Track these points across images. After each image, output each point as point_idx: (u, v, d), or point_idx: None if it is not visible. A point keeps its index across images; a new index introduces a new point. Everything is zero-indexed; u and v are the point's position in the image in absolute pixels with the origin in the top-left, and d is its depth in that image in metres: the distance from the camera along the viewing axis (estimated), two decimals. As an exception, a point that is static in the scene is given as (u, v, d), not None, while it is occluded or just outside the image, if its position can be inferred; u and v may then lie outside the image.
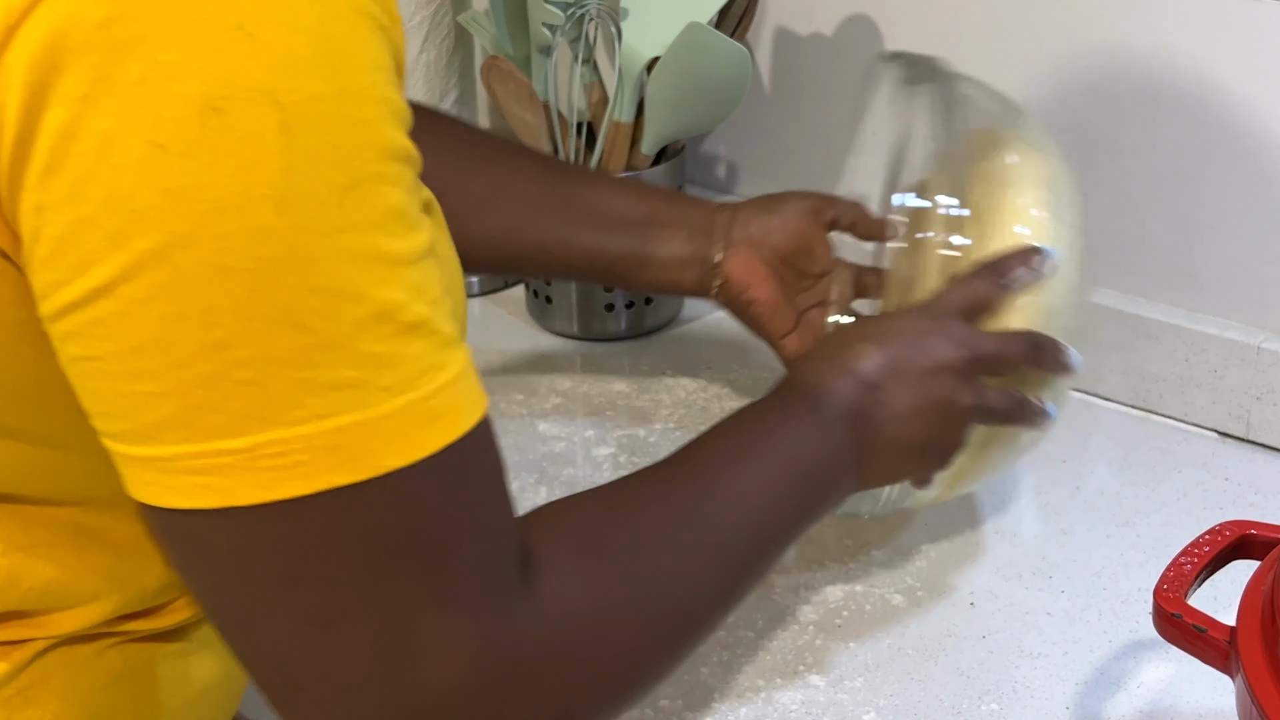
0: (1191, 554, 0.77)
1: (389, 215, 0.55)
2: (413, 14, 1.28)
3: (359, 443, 0.54)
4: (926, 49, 1.19)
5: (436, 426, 0.56)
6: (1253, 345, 1.08)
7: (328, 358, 0.53)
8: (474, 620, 0.58)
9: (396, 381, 0.55)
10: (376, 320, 0.54)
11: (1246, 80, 1.05)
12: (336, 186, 0.53)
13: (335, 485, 0.54)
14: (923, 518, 1.02)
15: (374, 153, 0.54)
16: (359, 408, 0.54)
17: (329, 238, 0.53)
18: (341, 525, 0.55)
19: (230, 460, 0.53)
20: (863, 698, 0.86)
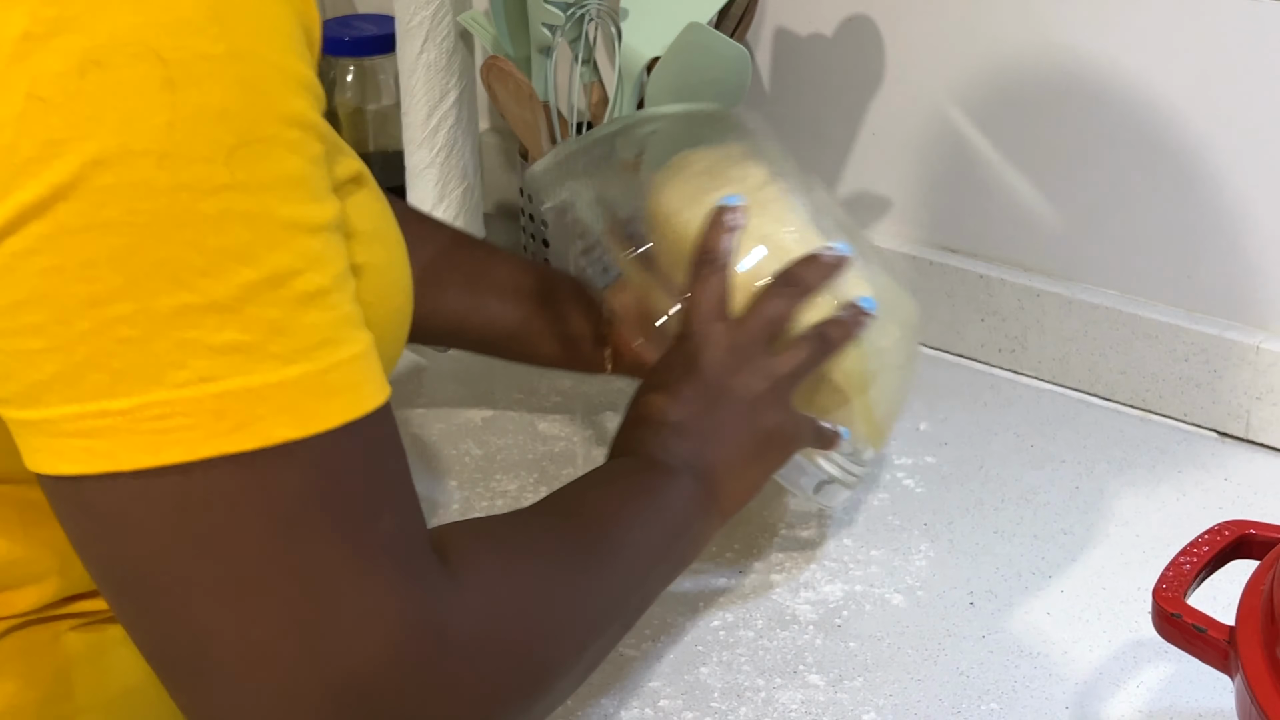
0: (1191, 554, 0.77)
1: (284, 180, 0.54)
2: (413, 14, 1.28)
3: (247, 409, 0.53)
4: (927, 49, 1.19)
5: (335, 402, 0.55)
6: (1252, 345, 1.08)
7: (213, 319, 0.52)
8: (396, 591, 0.57)
9: (289, 350, 0.54)
10: (268, 285, 0.53)
11: (1246, 80, 1.05)
12: (223, 145, 0.52)
13: (225, 452, 0.53)
14: (923, 518, 1.02)
15: (266, 116, 0.53)
16: (246, 373, 0.53)
17: (214, 195, 0.52)
18: (239, 493, 0.54)
19: (113, 422, 0.52)
20: (863, 698, 0.86)
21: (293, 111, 0.55)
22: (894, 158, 1.24)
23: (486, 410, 1.15)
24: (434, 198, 1.34)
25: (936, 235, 1.23)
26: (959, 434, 1.11)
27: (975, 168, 1.20)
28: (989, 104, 1.17)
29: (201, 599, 0.55)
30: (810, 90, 1.27)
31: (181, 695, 0.58)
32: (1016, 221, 1.19)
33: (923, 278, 1.22)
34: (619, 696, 0.86)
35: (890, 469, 1.07)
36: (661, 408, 0.81)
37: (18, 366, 0.53)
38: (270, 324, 0.53)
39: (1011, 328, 1.19)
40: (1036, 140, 1.16)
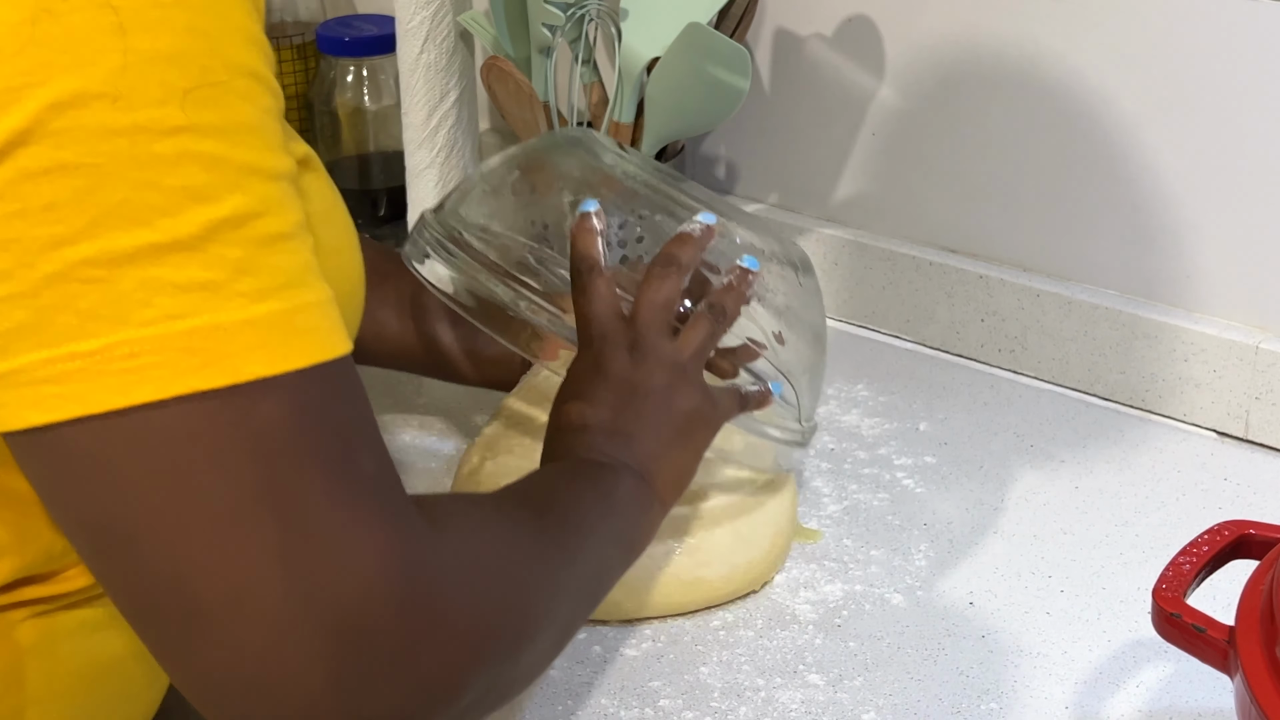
0: (1190, 553, 0.77)
1: (238, 125, 0.55)
2: (413, 14, 1.28)
3: (216, 346, 0.53)
4: (927, 49, 1.19)
5: (304, 342, 0.55)
6: (1251, 345, 1.08)
7: (177, 257, 0.53)
8: (381, 526, 0.56)
9: (255, 289, 0.54)
10: (229, 224, 0.54)
11: (1247, 81, 1.05)
12: (176, 88, 0.53)
13: (197, 389, 0.53)
14: (923, 518, 1.02)
15: (217, 62, 0.54)
16: (213, 310, 0.53)
17: (171, 137, 0.53)
18: (214, 429, 0.54)
19: (82, 364, 0.53)
20: (862, 697, 0.86)
21: (244, 62, 0.56)
22: (894, 158, 1.24)
23: (486, 411, 1.15)
24: (434, 198, 1.34)
25: (936, 235, 1.24)
26: (959, 434, 1.12)
27: (975, 168, 1.20)
28: (989, 104, 1.17)
29: (182, 537, 0.54)
30: (810, 90, 1.27)
31: (166, 648, 0.57)
32: (1016, 221, 1.19)
33: (923, 278, 1.22)
34: (619, 696, 0.86)
35: (890, 469, 1.07)
36: (581, 413, 0.82)
37: None
38: (234, 263, 0.54)
39: (1011, 328, 1.19)
40: (1036, 141, 1.16)
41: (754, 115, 1.30)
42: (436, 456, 1.10)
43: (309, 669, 0.55)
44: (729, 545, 0.93)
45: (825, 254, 1.28)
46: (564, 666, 0.89)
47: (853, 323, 1.28)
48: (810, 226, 1.28)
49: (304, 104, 1.46)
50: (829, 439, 1.11)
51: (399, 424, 1.14)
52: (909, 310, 1.24)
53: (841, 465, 1.08)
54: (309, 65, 1.46)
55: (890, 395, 1.17)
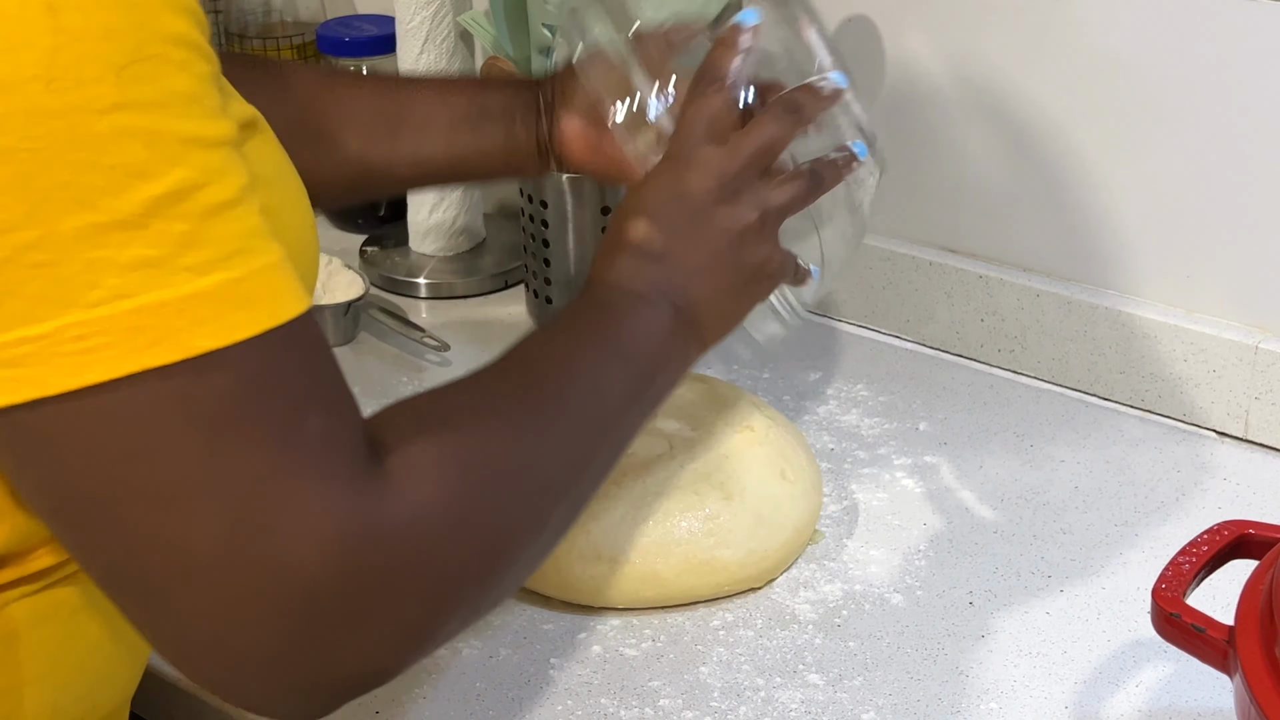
0: (1190, 553, 0.77)
1: (175, 97, 0.55)
2: (413, 15, 1.29)
3: (165, 323, 0.54)
4: (928, 50, 1.19)
5: (254, 310, 0.56)
6: (1251, 345, 1.08)
7: (120, 237, 0.53)
8: (327, 492, 0.57)
9: (201, 261, 0.55)
10: (172, 199, 0.54)
11: (1246, 82, 1.05)
12: (111, 65, 0.53)
13: (147, 366, 0.54)
14: (923, 518, 1.02)
15: (149, 35, 0.55)
16: (159, 287, 0.54)
17: (107, 115, 0.53)
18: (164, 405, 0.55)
19: (33, 348, 0.53)
20: (862, 697, 0.86)
21: (177, 30, 0.56)
22: (894, 158, 1.24)
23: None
24: (434, 198, 1.34)
25: (936, 235, 1.24)
26: (959, 434, 1.12)
27: (975, 168, 1.20)
28: (989, 104, 1.17)
29: (136, 511, 0.56)
30: (810, 90, 1.27)
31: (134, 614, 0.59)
32: (1016, 221, 1.19)
33: (923, 278, 1.23)
34: (619, 696, 0.87)
35: (890, 469, 1.07)
36: (642, 233, 0.78)
37: None
38: (179, 237, 0.54)
39: (1011, 328, 1.19)
40: (1036, 141, 1.16)
41: (754, 115, 1.30)
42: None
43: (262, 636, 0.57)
44: (750, 528, 0.93)
45: (825, 254, 1.28)
46: (564, 666, 0.89)
47: (853, 323, 1.28)
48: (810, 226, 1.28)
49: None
50: (829, 439, 1.11)
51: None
52: (909, 310, 1.24)
53: (841, 465, 1.08)
54: (309, 65, 1.46)
55: (890, 395, 1.17)
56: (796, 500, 0.96)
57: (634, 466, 0.95)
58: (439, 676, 0.88)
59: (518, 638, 0.92)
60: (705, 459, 0.96)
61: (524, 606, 0.94)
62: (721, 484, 0.94)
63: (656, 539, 0.92)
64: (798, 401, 1.16)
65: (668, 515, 0.93)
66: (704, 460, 0.96)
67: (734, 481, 0.95)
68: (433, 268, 1.35)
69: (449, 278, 1.34)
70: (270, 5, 1.46)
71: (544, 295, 1.26)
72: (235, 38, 1.46)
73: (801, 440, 1.02)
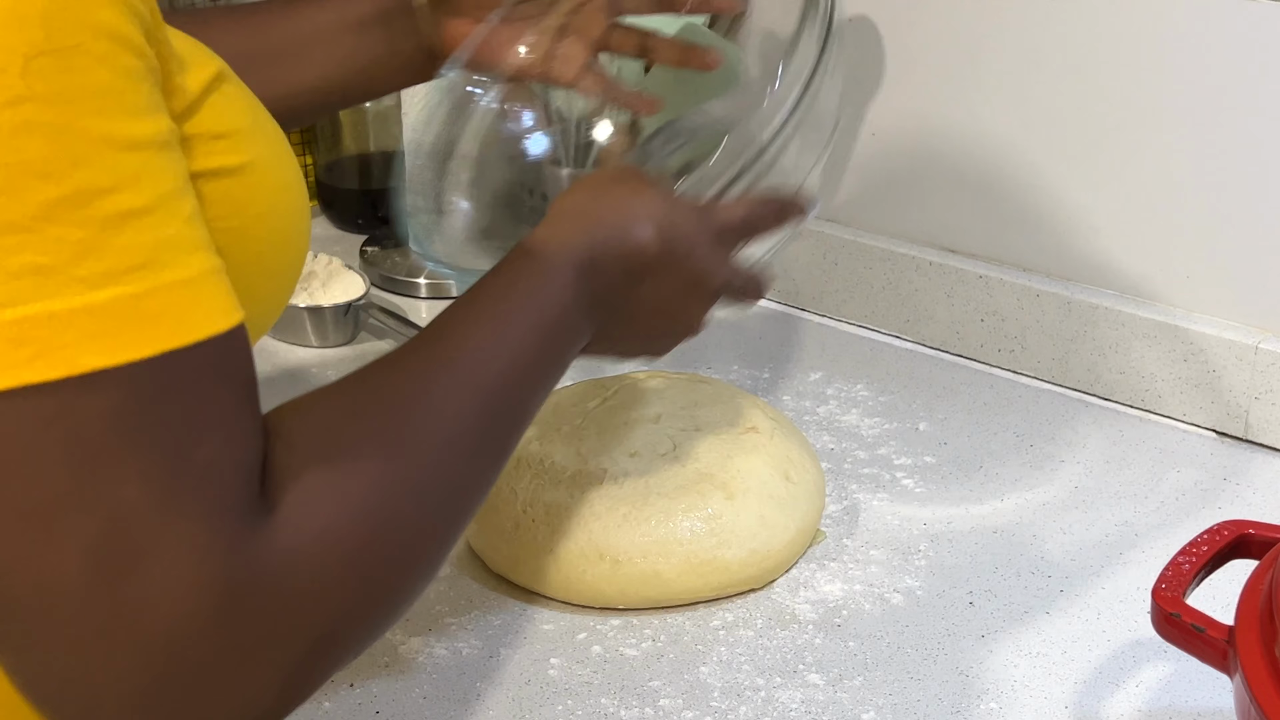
0: (1190, 553, 0.77)
1: (91, 93, 0.51)
2: (413, 15, 1.28)
3: (50, 336, 0.50)
4: (927, 50, 1.19)
5: (153, 328, 0.52)
6: (1251, 345, 1.08)
7: (9, 240, 0.49)
8: (202, 531, 0.53)
9: (97, 273, 0.51)
10: (71, 203, 0.50)
11: (1246, 81, 1.05)
12: (17, 54, 0.50)
13: (26, 382, 0.50)
14: (923, 518, 1.02)
15: (68, 25, 0.51)
16: (47, 297, 0.50)
17: (10, 108, 0.49)
18: (41, 424, 0.51)
19: None
20: (862, 697, 0.86)
21: (101, 21, 0.52)
22: (894, 158, 1.24)
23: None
24: (434, 198, 1.34)
25: (936, 235, 1.24)
26: (959, 434, 1.12)
27: (975, 168, 1.20)
28: (989, 104, 1.17)
29: (4, 528, 0.51)
30: (810, 90, 1.27)
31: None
32: (1016, 221, 1.19)
33: (923, 278, 1.23)
34: (619, 696, 0.87)
35: (890, 469, 1.07)
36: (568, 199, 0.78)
37: None
38: (75, 245, 0.50)
39: (1011, 328, 1.19)
40: (1036, 141, 1.16)
41: (754, 115, 1.30)
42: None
43: (124, 674, 0.53)
44: (752, 529, 0.93)
45: (825, 254, 1.28)
46: (564, 666, 0.89)
47: (853, 323, 1.28)
48: (810, 226, 1.28)
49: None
50: (829, 439, 1.11)
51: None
52: (909, 310, 1.24)
53: (841, 465, 1.08)
54: (309, 65, 1.46)
55: (890, 395, 1.17)
56: (799, 502, 0.96)
57: (637, 466, 0.95)
58: (439, 676, 0.88)
59: (518, 638, 0.92)
60: (708, 459, 0.96)
61: (524, 606, 0.94)
62: (725, 484, 0.94)
63: (659, 539, 0.92)
64: (798, 401, 1.16)
65: (670, 515, 0.93)
66: (707, 460, 0.96)
67: (737, 482, 0.95)
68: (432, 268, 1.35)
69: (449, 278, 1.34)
70: (270, 5, 1.46)
71: (544, 295, 1.26)
72: (235, 38, 1.46)
73: (805, 443, 1.02)
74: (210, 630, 0.53)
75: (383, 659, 0.90)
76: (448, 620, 0.93)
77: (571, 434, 0.99)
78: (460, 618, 0.94)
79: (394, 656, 0.90)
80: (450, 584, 0.96)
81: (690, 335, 0.84)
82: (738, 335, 1.27)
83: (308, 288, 1.26)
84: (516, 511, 0.95)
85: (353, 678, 0.88)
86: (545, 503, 0.95)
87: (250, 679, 0.55)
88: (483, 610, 0.94)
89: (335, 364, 1.23)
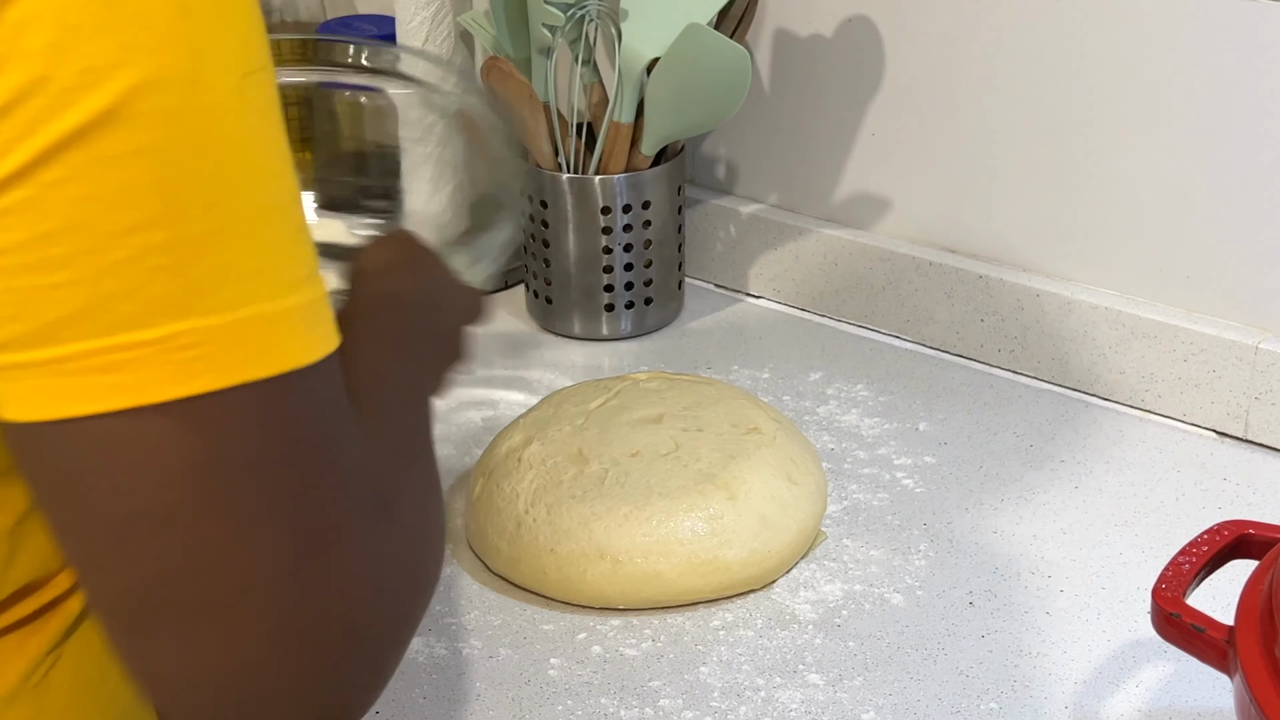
0: (1190, 553, 0.77)
1: (275, 106, 0.55)
2: (413, 15, 1.29)
3: (265, 335, 0.54)
4: (927, 49, 1.19)
5: (325, 329, 0.56)
6: (1250, 345, 1.08)
7: (238, 244, 0.53)
8: (364, 525, 0.57)
9: (294, 278, 0.55)
10: (276, 211, 0.54)
11: (1246, 81, 1.05)
12: (238, 71, 0.53)
13: (247, 379, 0.53)
14: (923, 518, 1.02)
15: (261, 46, 0.55)
16: (265, 299, 0.53)
17: (238, 120, 0.53)
18: (253, 422, 0.54)
19: (141, 353, 0.52)
20: (862, 697, 0.86)
21: (264, 48, 0.56)
22: (894, 158, 1.24)
23: (486, 410, 1.16)
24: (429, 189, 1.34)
25: (936, 235, 1.24)
26: (959, 434, 1.12)
27: (975, 168, 1.20)
28: (989, 104, 1.17)
29: (204, 528, 0.54)
30: (810, 90, 1.27)
31: (152, 644, 0.56)
32: (1016, 221, 1.19)
33: (923, 278, 1.23)
34: (619, 696, 0.87)
35: (890, 469, 1.07)
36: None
37: (30, 304, 0.52)
38: (279, 251, 0.54)
39: (1011, 328, 1.19)
40: (1036, 141, 1.16)
41: (754, 115, 1.30)
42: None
43: (304, 669, 0.56)
44: (754, 529, 0.93)
45: (825, 254, 1.28)
46: (564, 666, 0.89)
47: (853, 323, 1.28)
48: (810, 226, 1.28)
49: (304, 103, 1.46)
50: (829, 439, 1.11)
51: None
52: (909, 310, 1.24)
53: (841, 465, 1.08)
54: (309, 65, 1.46)
55: (890, 395, 1.17)
56: (802, 503, 0.96)
57: (638, 466, 0.95)
58: (439, 676, 0.88)
59: (518, 638, 0.92)
60: (710, 459, 0.96)
61: (524, 606, 0.94)
62: (727, 484, 0.94)
63: (659, 539, 0.92)
64: (798, 401, 1.16)
65: (671, 515, 0.93)
66: (709, 461, 0.96)
67: (739, 482, 0.95)
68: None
69: (449, 278, 1.34)
70: (270, 5, 1.46)
71: (544, 295, 1.26)
72: (235, 38, 1.46)
73: (808, 445, 1.02)
74: (368, 620, 0.58)
75: (383, 659, 0.90)
76: (448, 620, 0.93)
77: (573, 434, 0.99)
78: (460, 618, 0.94)
79: (394, 656, 0.90)
80: (450, 584, 0.96)
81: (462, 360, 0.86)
82: (738, 335, 1.27)
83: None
84: (517, 511, 0.95)
85: (353, 678, 0.88)
86: (546, 503, 0.95)
87: (373, 671, 0.59)
88: (483, 610, 0.94)
89: (335, 364, 1.23)
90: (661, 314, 1.27)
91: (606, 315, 1.25)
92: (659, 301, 1.26)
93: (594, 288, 1.24)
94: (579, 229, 1.23)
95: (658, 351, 1.24)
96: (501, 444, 1.01)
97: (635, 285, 1.25)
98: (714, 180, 1.36)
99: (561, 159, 1.23)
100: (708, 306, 1.31)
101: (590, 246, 1.23)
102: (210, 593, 0.55)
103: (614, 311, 1.25)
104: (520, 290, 1.33)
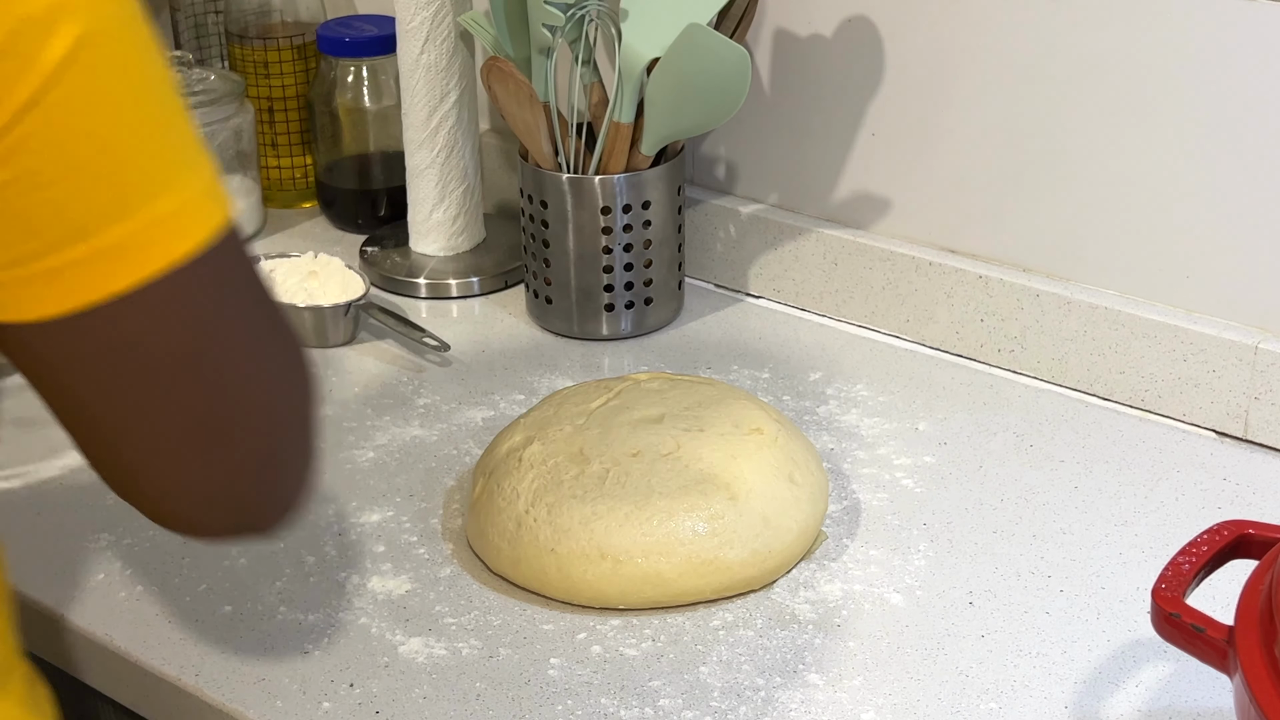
0: (1190, 553, 0.77)
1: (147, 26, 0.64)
2: (413, 15, 1.29)
3: (220, 198, 0.63)
4: (927, 49, 1.19)
5: (223, 193, 0.64)
6: (1250, 345, 1.08)
7: (187, 130, 0.62)
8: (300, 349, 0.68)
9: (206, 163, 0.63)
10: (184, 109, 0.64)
11: (1245, 80, 1.05)
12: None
13: (221, 235, 0.62)
14: (923, 518, 1.02)
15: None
16: (206, 166, 0.62)
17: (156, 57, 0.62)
18: (240, 262, 0.64)
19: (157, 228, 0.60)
20: (862, 697, 0.86)
21: None
22: (894, 158, 1.24)
23: (487, 410, 1.16)
24: (434, 198, 1.34)
25: (936, 235, 1.24)
26: (958, 434, 1.12)
27: (975, 168, 1.20)
28: (989, 104, 1.17)
29: (246, 350, 0.64)
30: (810, 90, 1.27)
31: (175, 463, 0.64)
32: (1016, 221, 1.19)
33: (923, 278, 1.23)
34: (619, 696, 0.87)
35: (890, 469, 1.07)
36: None
37: (58, 209, 0.58)
38: (192, 143, 0.63)
39: (1011, 328, 1.19)
40: (1036, 141, 1.16)
41: (754, 115, 1.30)
42: (436, 456, 1.10)
43: (305, 450, 0.68)
44: (755, 529, 0.94)
45: (825, 254, 1.28)
46: (564, 666, 0.89)
47: (853, 323, 1.28)
48: (810, 226, 1.28)
49: (304, 104, 1.46)
50: (829, 439, 1.11)
51: (399, 423, 1.14)
52: (909, 310, 1.24)
53: (841, 465, 1.08)
54: (309, 65, 1.46)
55: (890, 395, 1.17)
56: (803, 504, 0.96)
57: (639, 466, 0.95)
58: (439, 676, 0.88)
59: (518, 638, 0.92)
60: (712, 460, 0.96)
61: (524, 606, 0.94)
62: (728, 485, 0.94)
63: (660, 539, 0.92)
64: (798, 401, 1.16)
65: (672, 515, 0.93)
66: (710, 461, 0.96)
67: (741, 483, 0.95)
68: (433, 268, 1.35)
69: (449, 278, 1.34)
70: (270, 5, 1.46)
71: (544, 295, 1.26)
72: (235, 38, 1.46)
73: (810, 446, 1.02)
74: (312, 413, 0.69)
75: (383, 659, 0.90)
76: (448, 620, 0.93)
77: (574, 434, 0.99)
78: (460, 618, 0.94)
79: (394, 656, 0.90)
80: (450, 584, 0.96)
81: None
82: (738, 335, 1.27)
83: (307, 287, 1.26)
84: (518, 511, 0.95)
85: (353, 678, 0.88)
86: (547, 503, 0.95)
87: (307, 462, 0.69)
88: (483, 610, 0.94)
89: (335, 363, 1.23)
90: (661, 314, 1.27)
91: (606, 315, 1.25)
92: (659, 301, 1.26)
93: (594, 288, 1.24)
94: (579, 229, 1.23)
95: (657, 351, 1.24)
96: (502, 444, 1.01)
97: (635, 285, 1.25)
98: (714, 180, 1.36)
99: (561, 159, 1.23)
100: (708, 306, 1.31)
101: (590, 246, 1.23)
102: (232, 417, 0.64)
103: (614, 311, 1.25)
104: (520, 290, 1.33)
